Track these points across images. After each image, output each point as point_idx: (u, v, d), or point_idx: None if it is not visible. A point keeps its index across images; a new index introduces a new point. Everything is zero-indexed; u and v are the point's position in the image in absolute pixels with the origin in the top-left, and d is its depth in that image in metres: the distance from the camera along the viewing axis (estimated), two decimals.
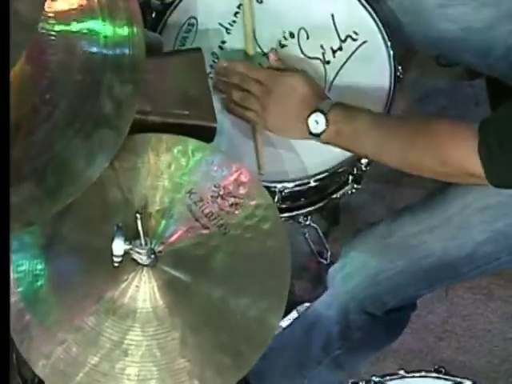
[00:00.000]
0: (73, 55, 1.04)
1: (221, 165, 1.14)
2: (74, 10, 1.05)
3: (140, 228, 1.00)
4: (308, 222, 1.49)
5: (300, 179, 1.33)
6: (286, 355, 1.53)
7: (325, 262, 1.86)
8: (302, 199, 1.41)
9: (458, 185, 1.36)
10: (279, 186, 1.32)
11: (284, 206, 1.39)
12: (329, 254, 1.86)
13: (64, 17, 1.05)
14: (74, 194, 0.99)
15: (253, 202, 1.12)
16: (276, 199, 1.33)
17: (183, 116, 1.18)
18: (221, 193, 1.12)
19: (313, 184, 1.34)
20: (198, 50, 1.24)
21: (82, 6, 1.05)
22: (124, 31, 1.06)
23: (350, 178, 1.43)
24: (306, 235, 1.85)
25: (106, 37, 1.05)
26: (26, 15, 0.91)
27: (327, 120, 1.28)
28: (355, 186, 1.44)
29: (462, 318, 1.88)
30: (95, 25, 1.05)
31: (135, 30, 1.07)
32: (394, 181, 1.92)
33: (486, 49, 1.46)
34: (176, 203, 1.11)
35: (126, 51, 1.06)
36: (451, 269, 1.40)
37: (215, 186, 1.12)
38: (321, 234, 1.86)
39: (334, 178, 1.38)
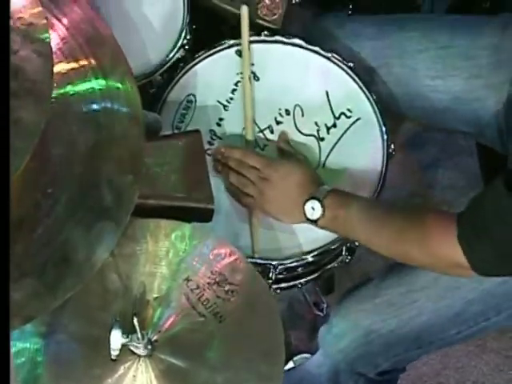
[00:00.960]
0: (73, 148, 1.05)
1: (217, 250, 1.14)
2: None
3: (137, 326, 1.01)
4: None
5: (295, 256, 1.35)
6: None
7: (321, 314, 1.89)
8: (299, 269, 1.42)
9: None
10: (274, 262, 1.34)
11: (280, 276, 1.40)
12: (325, 305, 1.89)
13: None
14: (75, 288, 1.00)
15: (248, 289, 1.13)
16: (271, 274, 1.35)
17: (181, 199, 1.19)
18: (217, 279, 1.13)
19: (310, 260, 1.37)
20: (197, 132, 1.24)
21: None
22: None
23: (344, 248, 1.45)
24: (303, 289, 1.87)
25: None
26: (29, 122, 0.91)
27: (323, 207, 1.30)
28: (349, 257, 1.46)
29: (456, 369, 1.91)
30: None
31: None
32: None
33: (474, 118, 1.48)
34: (173, 291, 1.11)
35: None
36: (440, 329, 1.42)
37: (212, 273, 1.13)
38: (317, 288, 1.88)
39: (328, 252, 1.40)
